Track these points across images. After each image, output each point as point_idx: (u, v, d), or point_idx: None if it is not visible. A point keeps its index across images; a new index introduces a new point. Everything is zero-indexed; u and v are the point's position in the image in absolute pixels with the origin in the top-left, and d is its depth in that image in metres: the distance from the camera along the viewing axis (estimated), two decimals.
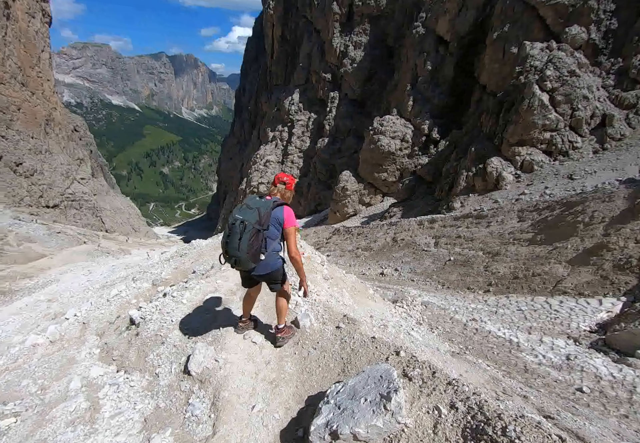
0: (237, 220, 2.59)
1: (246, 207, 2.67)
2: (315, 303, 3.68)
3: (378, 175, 25.92)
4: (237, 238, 2.56)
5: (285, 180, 2.91)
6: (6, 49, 33.92)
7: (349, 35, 36.99)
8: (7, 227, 28.14)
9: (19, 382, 3.34)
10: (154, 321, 3.75)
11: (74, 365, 3.53)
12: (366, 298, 6.16)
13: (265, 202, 2.68)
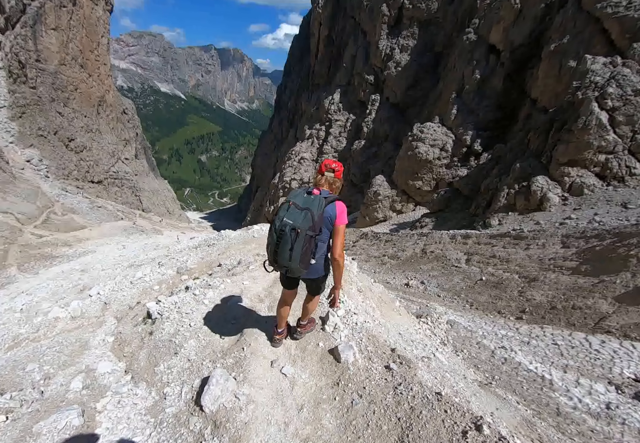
0: (287, 226, 2.25)
1: (294, 207, 2.32)
2: (357, 327, 3.23)
3: (413, 183, 25.40)
4: (288, 248, 2.25)
5: (334, 167, 2.55)
6: (70, 32, 36.19)
7: (396, 39, 36.46)
8: (55, 197, 30.20)
9: (26, 365, 3.16)
10: (170, 321, 3.49)
11: (84, 353, 3.43)
12: (392, 310, 6.04)
13: (315, 200, 2.33)
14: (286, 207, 2.35)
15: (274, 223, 2.35)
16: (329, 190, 2.53)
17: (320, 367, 2.76)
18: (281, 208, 2.38)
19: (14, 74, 31.15)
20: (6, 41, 30.87)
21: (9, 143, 30.41)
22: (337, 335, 3.08)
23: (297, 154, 42.39)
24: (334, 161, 2.60)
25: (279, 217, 2.33)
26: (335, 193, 2.60)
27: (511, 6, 24.12)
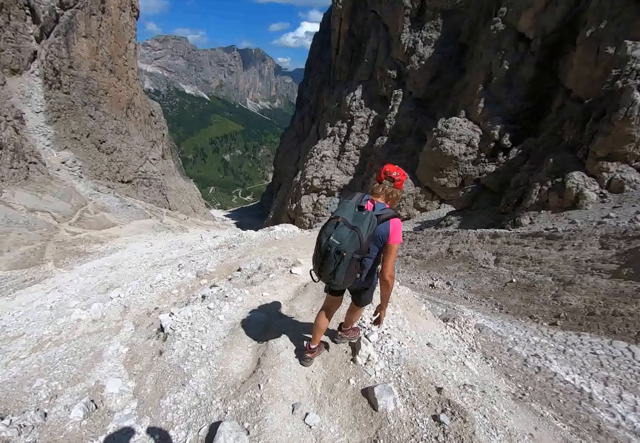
0: (332, 247, 2.09)
1: (342, 223, 2.12)
2: (393, 357, 2.80)
3: (437, 179, 24.72)
4: (331, 268, 2.13)
5: (394, 175, 2.26)
6: (100, 39, 37.70)
7: (419, 31, 35.43)
8: (88, 196, 31.69)
9: (35, 380, 3.02)
10: (181, 340, 3.25)
11: (97, 365, 3.33)
12: (418, 314, 5.83)
13: (366, 218, 2.11)
14: (334, 224, 2.16)
15: (320, 239, 2.21)
16: (384, 203, 2.29)
17: (352, 414, 2.33)
18: (329, 223, 2.20)
19: (49, 80, 32.76)
20: (41, 50, 32.52)
21: (46, 146, 32.08)
22: (371, 369, 2.68)
23: (319, 152, 42.26)
24: (397, 168, 2.29)
25: (326, 234, 2.17)
26: (393, 205, 2.38)
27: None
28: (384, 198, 2.31)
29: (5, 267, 18.15)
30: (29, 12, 32.07)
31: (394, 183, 2.29)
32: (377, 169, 2.39)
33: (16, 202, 24.68)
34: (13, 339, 5.35)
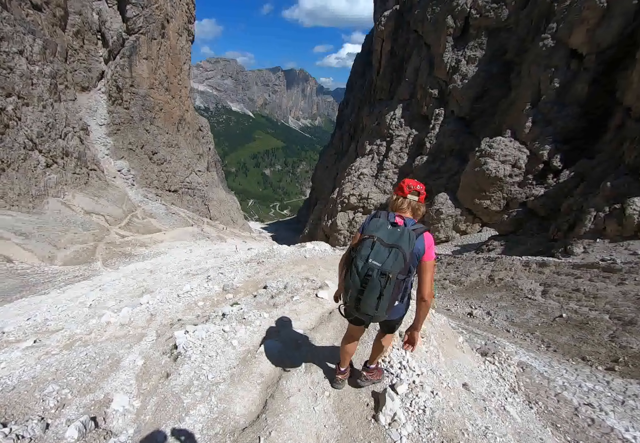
0: (375, 270, 1.87)
1: (379, 243, 1.92)
2: (425, 417, 2.37)
3: (479, 201, 23.62)
4: (376, 296, 1.89)
5: (418, 189, 2.16)
6: (158, 61, 41.14)
7: (462, 50, 35.07)
8: (138, 203, 33.93)
9: (47, 385, 2.99)
10: (190, 364, 3.07)
11: (111, 375, 3.28)
12: (454, 347, 5.35)
13: (404, 235, 1.93)
14: (370, 244, 1.94)
15: (355, 264, 1.95)
16: (412, 218, 2.15)
17: None
18: (363, 245, 1.97)
19: (112, 97, 36.02)
20: (108, 70, 36.03)
21: (105, 155, 35.05)
22: (397, 433, 2.24)
23: (357, 170, 42.30)
24: (417, 182, 2.22)
25: (362, 256, 1.93)
26: (420, 217, 2.24)
27: (596, 5, 21.75)
28: (410, 213, 2.17)
29: (60, 262, 19.71)
30: (100, 37, 35.76)
31: (418, 197, 2.17)
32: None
33: (75, 204, 26.97)
34: (52, 333, 5.63)
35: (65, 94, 31.22)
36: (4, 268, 16.99)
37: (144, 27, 37.74)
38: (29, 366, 3.64)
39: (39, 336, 5.64)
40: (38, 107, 26.29)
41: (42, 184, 24.79)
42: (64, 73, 31.09)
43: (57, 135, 27.68)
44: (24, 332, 6.44)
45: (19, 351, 4.65)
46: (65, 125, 29.06)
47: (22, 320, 7.39)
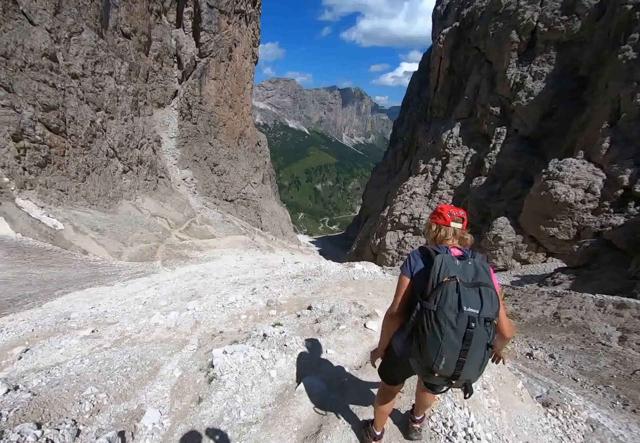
0: (477, 320, 1.50)
1: (463, 285, 1.54)
2: None
3: (545, 229, 21.54)
4: (483, 351, 1.53)
5: (462, 215, 1.87)
6: (225, 81, 44.66)
7: (528, 65, 33.17)
8: (197, 210, 36.38)
9: (87, 387, 3.00)
10: (223, 392, 2.88)
11: (148, 383, 3.26)
12: (512, 393, 4.70)
13: (481, 268, 1.62)
14: (454, 288, 1.53)
15: (445, 318, 1.52)
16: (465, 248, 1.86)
17: None
18: (447, 290, 1.54)
19: (183, 113, 39.58)
20: (181, 89, 39.85)
21: (173, 164, 38.33)
22: None
23: (410, 189, 41.27)
24: (456, 207, 1.92)
25: (450, 306, 1.52)
26: (467, 248, 1.91)
27: None
28: (458, 243, 1.86)
29: (126, 258, 21.64)
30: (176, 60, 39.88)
31: (462, 224, 1.87)
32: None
33: (144, 207, 29.66)
34: (108, 325, 6.01)
35: (144, 109, 34.89)
36: (80, 258, 19.04)
37: (214, 50, 41.37)
38: (80, 358, 3.82)
39: (97, 326, 6.04)
40: (120, 120, 29.61)
41: (118, 187, 27.65)
42: (144, 91, 34.92)
43: (134, 145, 30.83)
44: (85, 321, 6.94)
45: (77, 339, 5.04)
46: (141, 137, 32.31)
47: (87, 308, 8.05)
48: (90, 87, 26.31)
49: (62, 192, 22.43)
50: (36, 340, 5.54)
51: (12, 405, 2.62)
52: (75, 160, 23.75)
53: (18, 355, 4.72)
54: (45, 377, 3.24)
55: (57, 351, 4.71)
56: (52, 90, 22.13)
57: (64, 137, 22.98)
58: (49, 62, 22.25)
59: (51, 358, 4.47)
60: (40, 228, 19.23)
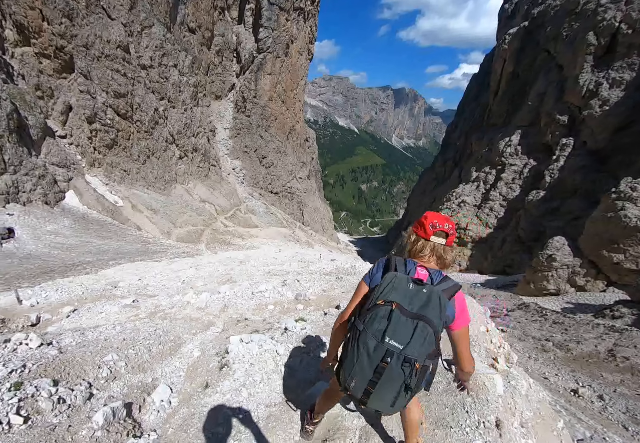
0: (393, 356, 1.34)
1: (399, 312, 1.37)
2: None
3: (609, 254, 19.47)
4: (395, 390, 1.38)
5: (447, 229, 1.56)
6: (279, 76, 45.51)
7: (605, 71, 29.95)
8: (243, 199, 37.73)
9: (109, 353, 3.02)
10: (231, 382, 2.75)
11: (167, 359, 3.25)
12: (550, 432, 4.24)
13: (432, 299, 1.38)
14: (386, 314, 1.38)
15: (365, 343, 1.40)
16: (438, 269, 1.59)
17: None
18: (377, 314, 1.40)
19: (238, 105, 40.97)
20: (238, 83, 41.25)
21: (224, 154, 39.95)
22: None
23: (459, 196, 39.49)
24: (446, 217, 1.60)
25: (374, 333, 1.38)
26: (446, 269, 1.65)
27: None
28: (435, 262, 1.60)
29: (174, 238, 23.08)
30: (235, 55, 41.34)
31: (446, 239, 1.57)
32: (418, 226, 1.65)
33: (195, 192, 31.31)
34: (147, 298, 6.32)
35: (203, 100, 36.59)
36: (134, 234, 20.63)
37: (271, 46, 42.32)
38: (114, 324, 4.00)
39: (138, 297, 6.37)
40: (181, 109, 31.31)
41: (173, 171, 29.39)
42: (204, 83, 36.65)
43: (191, 134, 32.50)
44: (128, 291, 7.38)
45: (118, 307, 5.33)
46: (198, 126, 33.95)
47: (135, 279, 8.56)
48: (156, 78, 28.06)
49: (124, 172, 24.25)
50: (84, 303, 5.96)
51: (38, 359, 2.69)
52: (138, 144, 25.54)
53: (67, 314, 5.06)
54: (78, 337, 3.35)
55: (99, 315, 4.99)
56: (123, 79, 23.93)
57: (130, 122, 24.79)
58: (122, 53, 24.07)
59: (93, 321, 4.73)
60: (103, 203, 20.99)
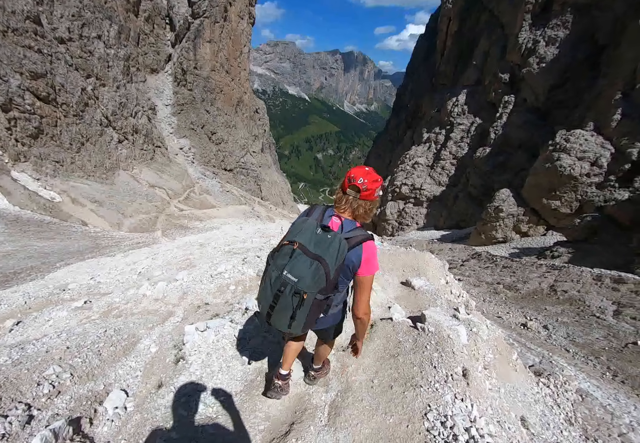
0: (288, 286, 1.58)
1: (301, 252, 1.58)
2: None
3: (548, 202, 21.31)
4: (287, 315, 1.62)
5: (359, 184, 1.65)
6: (220, 44, 42.25)
7: (542, 29, 31.08)
8: (196, 179, 36.03)
9: (50, 366, 2.72)
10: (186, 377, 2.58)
11: (120, 361, 2.99)
12: (507, 364, 4.80)
13: (333, 244, 1.56)
14: (289, 252, 1.61)
15: (269, 274, 1.67)
16: (353, 220, 1.74)
17: None
18: (281, 252, 1.65)
19: (178, 78, 37.79)
20: (174, 53, 37.81)
21: (169, 133, 37.30)
22: None
23: (412, 158, 40.51)
24: (366, 171, 1.66)
25: (277, 266, 1.63)
26: (366, 220, 1.80)
27: None
28: (350, 214, 1.75)
29: (126, 229, 21.81)
30: (168, 21, 37.47)
31: (359, 194, 1.67)
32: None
33: (142, 177, 29.32)
34: (101, 296, 5.91)
35: (137, 75, 33.33)
36: (80, 230, 19.15)
37: (207, 10, 38.80)
38: (60, 332, 3.70)
39: (90, 297, 5.94)
40: (113, 87, 28.38)
41: (114, 157, 27.10)
42: (135, 56, 33.16)
43: (128, 114, 29.79)
44: (79, 292, 6.90)
45: (67, 311, 4.93)
46: (135, 105, 31.13)
47: (86, 278, 8.00)
48: (78, 52, 24.95)
49: (57, 164, 21.99)
50: (29, 312, 5.49)
51: None
52: (68, 131, 23.04)
53: (9, 328, 4.65)
54: (16, 353, 3.05)
55: (47, 323, 4.63)
56: (38, 56, 21.01)
57: (55, 106, 22.13)
58: (33, 26, 20.95)
59: (40, 331, 4.39)
60: (37, 201, 19.10)
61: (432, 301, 4.81)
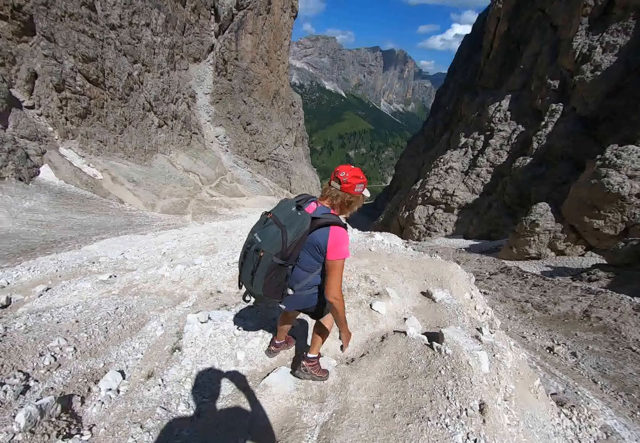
0: (254, 245, 1.83)
1: (271, 221, 1.86)
2: None
3: (590, 220, 19.98)
4: (249, 270, 1.85)
5: (341, 177, 1.88)
6: (262, 36, 42.79)
7: (599, 34, 28.93)
8: (228, 168, 36.93)
9: (55, 337, 2.66)
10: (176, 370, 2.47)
11: (125, 340, 2.94)
12: (528, 390, 4.50)
13: (299, 219, 1.80)
14: (264, 220, 1.92)
15: (249, 233, 1.96)
16: (329, 207, 1.96)
17: None
18: (259, 220, 1.96)
19: (218, 68, 38.63)
20: (217, 43, 38.55)
21: (207, 121, 38.32)
22: None
23: (446, 163, 39.27)
24: (352, 168, 1.93)
25: (253, 230, 1.93)
26: (344, 213, 2.02)
27: None
28: (328, 202, 1.98)
29: (159, 210, 22.72)
30: (213, 12, 38.34)
31: (341, 185, 1.89)
32: None
33: (177, 162, 30.40)
34: (126, 272, 6.15)
35: (180, 63, 34.33)
36: (117, 207, 20.16)
37: (251, 2, 39.33)
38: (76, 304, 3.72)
39: (115, 272, 6.21)
40: (157, 73, 29.37)
41: (153, 141, 28.19)
42: (180, 45, 34.15)
43: (169, 100, 30.80)
44: (106, 266, 7.22)
45: (92, 283, 5.10)
46: (177, 92, 32.13)
47: (117, 253, 8.35)
48: (127, 39, 25.99)
49: (101, 143, 23.12)
50: (59, 281, 5.74)
51: None
52: (113, 113, 24.13)
53: (39, 293, 4.84)
54: (32, 320, 3.04)
55: (72, 293, 4.76)
56: (91, 40, 22.07)
57: (103, 89, 23.23)
58: (88, 12, 22.00)
59: (65, 299, 4.51)
60: (81, 177, 20.20)
61: (454, 317, 4.54)
